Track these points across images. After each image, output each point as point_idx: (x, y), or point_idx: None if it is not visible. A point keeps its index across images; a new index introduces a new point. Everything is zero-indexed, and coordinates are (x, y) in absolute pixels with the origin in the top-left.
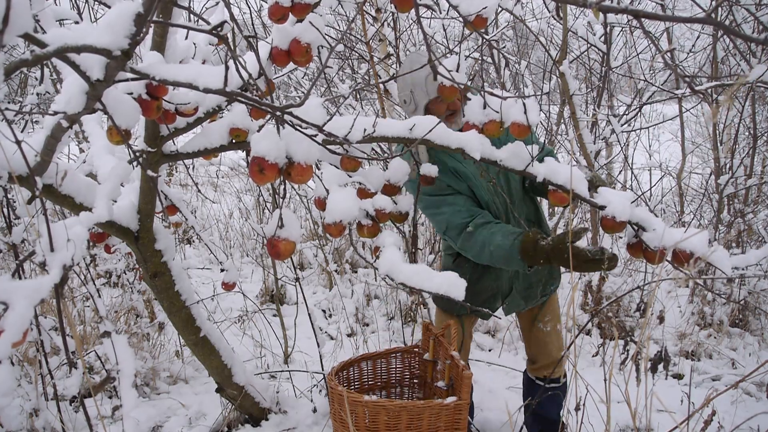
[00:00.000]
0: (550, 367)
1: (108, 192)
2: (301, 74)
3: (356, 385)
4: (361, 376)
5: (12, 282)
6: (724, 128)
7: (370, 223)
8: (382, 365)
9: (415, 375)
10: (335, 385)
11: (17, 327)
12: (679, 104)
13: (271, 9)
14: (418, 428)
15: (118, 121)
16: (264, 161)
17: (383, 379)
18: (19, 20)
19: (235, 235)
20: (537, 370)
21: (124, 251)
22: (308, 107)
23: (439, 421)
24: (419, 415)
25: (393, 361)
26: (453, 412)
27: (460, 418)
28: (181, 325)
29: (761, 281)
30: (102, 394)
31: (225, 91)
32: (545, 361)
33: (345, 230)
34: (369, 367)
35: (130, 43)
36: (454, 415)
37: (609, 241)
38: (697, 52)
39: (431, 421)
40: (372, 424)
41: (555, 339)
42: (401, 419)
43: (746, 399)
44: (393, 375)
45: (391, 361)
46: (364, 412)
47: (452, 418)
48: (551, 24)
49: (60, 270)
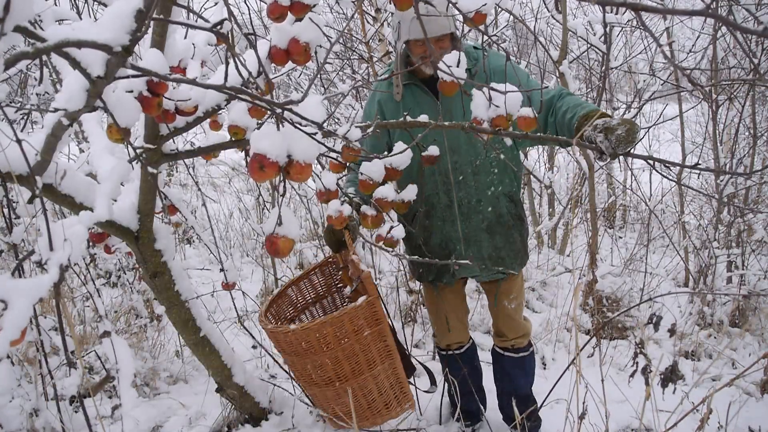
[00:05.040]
0: (515, 339)
1: (108, 191)
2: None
3: (290, 311)
4: (292, 302)
5: (11, 281)
6: (724, 128)
7: (375, 214)
8: (306, 286)
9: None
10: (265, 325)
11: (16, 325)
12: (679, 104)
13: (270, 7)
14: (345, 334)
15: (119, 119)
16: (265, 159)
17: (312, 296)
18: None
19: (235, 235)
20: (503, 341)
21: (124, 251)
22: (308, 105)
23: (359, 320)
24: (341, 322)
25: (314, 278)
26: (367, 308)
27: (376, 311)
28: (181, 325)
29: (761, 281)
30: (102, 394)
31: (226, 86)
32: (513, 335)
33: (347, 221)
34: (295, 291)
35: (131, 40)
36: (370, 311)
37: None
38: (697, 52)
39: (354, 323)
40: (307, 345)
41: (520, 313)
42: (327, 332)
43: (746, 399)
44: (320, 289)
45: (312, 279)
46: (296, 338)
47: (369, 313)
48: (551, 24)
49: (58, 269)
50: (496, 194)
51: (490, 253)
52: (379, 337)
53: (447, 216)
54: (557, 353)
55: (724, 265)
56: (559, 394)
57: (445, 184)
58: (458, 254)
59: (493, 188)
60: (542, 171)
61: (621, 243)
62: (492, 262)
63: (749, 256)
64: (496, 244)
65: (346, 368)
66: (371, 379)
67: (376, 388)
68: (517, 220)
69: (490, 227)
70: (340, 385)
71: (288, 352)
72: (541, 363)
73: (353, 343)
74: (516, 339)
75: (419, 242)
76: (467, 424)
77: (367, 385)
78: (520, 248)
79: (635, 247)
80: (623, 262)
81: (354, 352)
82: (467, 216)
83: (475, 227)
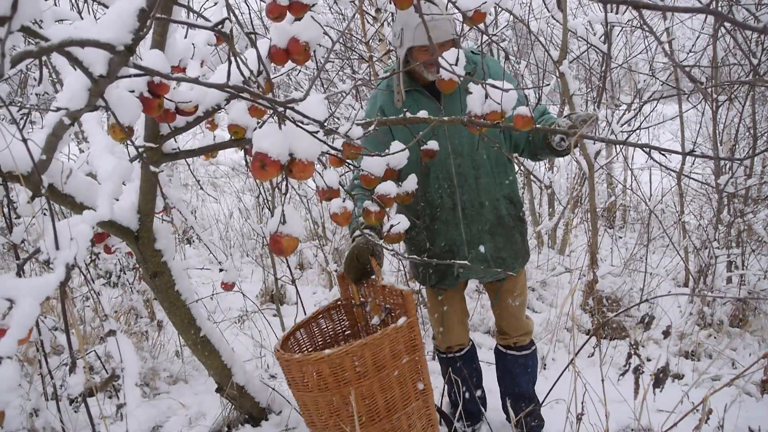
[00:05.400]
0: (518, 336)
1: (110, 191)
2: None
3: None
4: (300, 346)
5: (17, 280)
6: (724, 128)
7: (378, 210)
8: (313, 329)
9: (345, 328)
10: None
11: (23, 324)
12: (679, 103)
13: (269, 7)
14: (383, 359)
15: (121, 117)
16: (266, 157)
17: (319, 341)
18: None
19: (235, 235)
20: (506, 339)
21: (125, 251)
22: (309, 103)
23: (399, 344)
24: (381, 345)
25: (322, 322)
26: (407, 331)
27: (414, 335)
28: (181, 325)
29: (761, 281)
30: (102, 394)
31: (228, 85)
32: (516, 333)
33: (351, 218)
34: (304, 335)
35: (134, 39)
36: (409, 335)
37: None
38: (697, 52)
39: (393, 347)
40: (340, 374)
41: (523, 311)
42: (366, 356)
43: (746, 399)
44: (326, 334)
45: (320, 323)
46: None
47: (408, 337)
48: (551, 24)
49: (65, 268)
50: (497, 196)
51: (492, 255)
52: (414, 367)
53: (451, 219)
54: (557, 353)
55: (724, 265)
56: (559, 394)
57: (449, 188)
58: (462, 257)
59: (494, 190)
60: (542, 171)
61: (621, 243)
62: (494, 263)
63: (749, 256)
64: (497, 245)
65: (380, 403)
66: (405, 420)
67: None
68: (517, 221)
69: (492, 229)
70: (372, 426)
71: (311, 387)
72: (542, 363)
73: (390, 371)
74: (519, 337)
75: (422, 246)
76: (468, 425)
77: (401, 426)
78: (521, 248)
79: (635, 247)
80: (623, 262)
81: (390, 384)
82: (471, 218)
83: (478, 229)
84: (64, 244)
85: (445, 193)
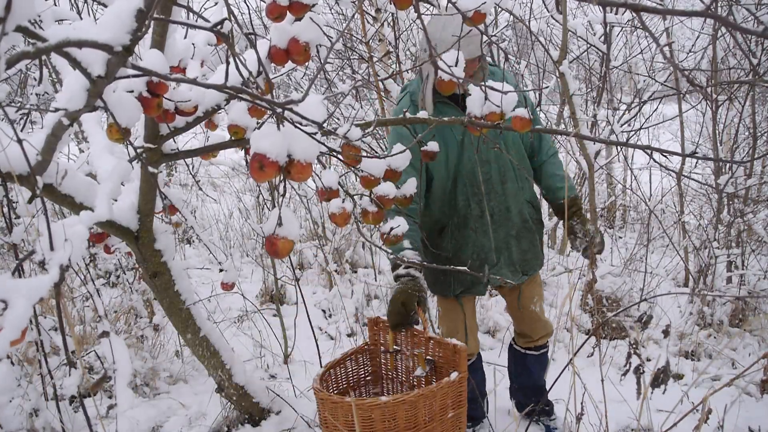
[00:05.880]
0: (540, 338)
1: (109, 191)
2: (300, 75)
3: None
4: (329, 387)
5: (11, 281)
6: (724, 128)
7: (375, 210)
8: (340, 371)
9: (367, 374)
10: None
11: (16, 326)
12: (678, 104)
13: (269, 7)
14: (432, 412)
15: (120, 118)
16: (265, 158)
17: (343, 384)
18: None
19: (235, 235)
20: (528, 342)
21: (124, 251)
22: (308, 104)
23: (448, 398)
24: (433, 398)
25: (348, 363)
26: (457, 386)
27: (462, 391)
28: (180, 325)
29: (761, 281)
30: (102, 394)
31: (227, 86)
32: (538, 335)
33: (350, 218)
34: (333, 375)
35: (132, 39)
36: (458, 390)
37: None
38: (696, 52)
39: (443, 401)
40: (391, 419)
41: (543, 313)
42: (419, 408)
43: (746, 399)
44: (351, 378)
45: (347, 364)
46: (382, 414)
47: (456, 392)
48: (551, 24)
49: (59, 269)
50: (521, 201)
51: (519, 258)
52: (456, 423)
53: (479, 226)
54: (557, 353)
55: (723, 265)
56: (559, 394)
57: (476, 195)
58: (491, 263)
59: (519, 195)
60: None
61: (621, 243)
62: (521, 267)
63: (749, 256)
64: (522, 248)
65: None
66: None
67: None
68: (538, 224)
69: (518, 233)
70: None
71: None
72: None
73: (437, 425)
74: (541, 338)
75: (448, 255)
76: (468, 425)
77: None
78: (539, 250)
79: (635, 247)
80: (623, 262)
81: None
82: (498, 224)
83: (505, 234)
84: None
85: (473, 200)
